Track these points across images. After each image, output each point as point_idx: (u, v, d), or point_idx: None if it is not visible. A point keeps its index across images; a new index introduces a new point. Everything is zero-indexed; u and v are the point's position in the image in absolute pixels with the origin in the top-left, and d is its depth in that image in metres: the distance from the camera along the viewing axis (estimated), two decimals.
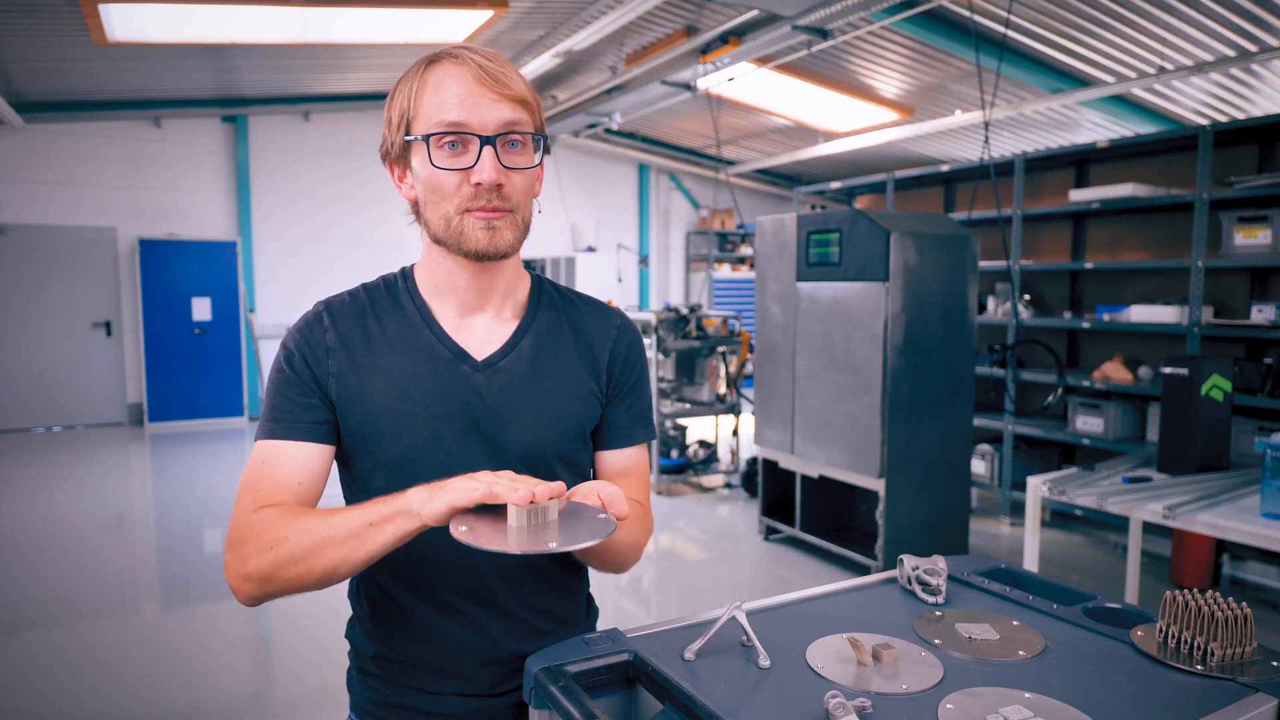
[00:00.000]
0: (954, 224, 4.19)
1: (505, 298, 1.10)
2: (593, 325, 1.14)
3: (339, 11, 5.46)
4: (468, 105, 0.95)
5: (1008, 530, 5.04)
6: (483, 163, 0.96)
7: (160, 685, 3.07)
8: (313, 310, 1.08)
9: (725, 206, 11.45)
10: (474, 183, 0.96)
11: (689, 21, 6.11)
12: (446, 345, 1.06)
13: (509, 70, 0.99)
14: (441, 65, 0.98)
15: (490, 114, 0.96)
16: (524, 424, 1.05)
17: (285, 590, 0.94)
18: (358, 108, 8.89)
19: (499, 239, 1.00)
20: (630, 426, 1.14)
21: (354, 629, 1.14)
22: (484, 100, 0.96)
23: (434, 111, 0.96)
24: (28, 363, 7.97)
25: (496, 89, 0.96)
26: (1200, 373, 2.90)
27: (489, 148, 0.96)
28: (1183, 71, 5.36)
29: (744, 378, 6.49)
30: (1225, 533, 2.44)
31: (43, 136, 7.78)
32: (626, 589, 4.18)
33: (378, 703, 1.10)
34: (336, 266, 9.12)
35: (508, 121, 0.97)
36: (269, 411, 1.02)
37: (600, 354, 1.13)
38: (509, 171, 0.98)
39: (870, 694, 0.86)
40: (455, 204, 0.98)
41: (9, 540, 4.75)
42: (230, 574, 0.95)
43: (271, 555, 0.92)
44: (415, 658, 1.08)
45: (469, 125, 0.95)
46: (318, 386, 1.03)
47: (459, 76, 0.96)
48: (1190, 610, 0.96)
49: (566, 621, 1.15)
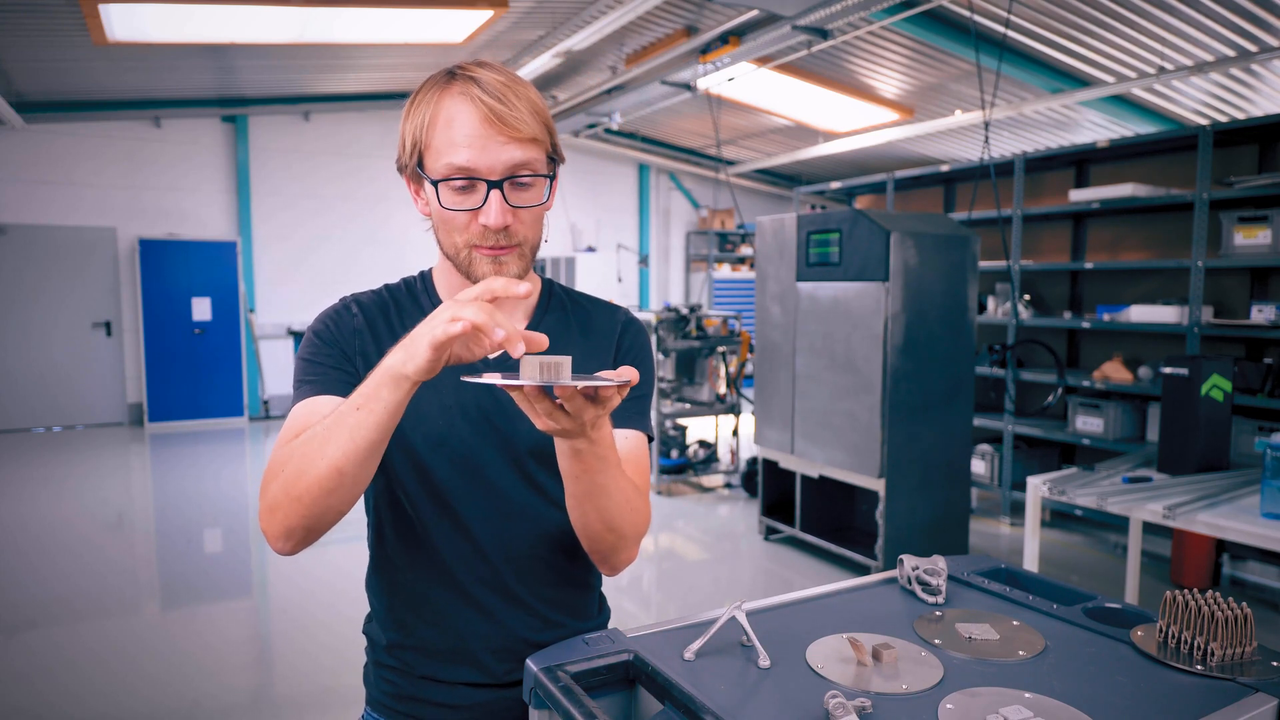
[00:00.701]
0: (954, 224, 4.19)
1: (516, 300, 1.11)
2: (599, 322, 1.17)
3: (339, 11, 5.46)
4: (476, 148, 0.96)
5: (1008, 530, 5.04)
6: (489, 207, 0.97)
7: (160, 685, 3.07)
8: (340, 302, 1.12)
9: (725, 206, 11.45)
10: (481, 224, 0.98)
11: (689, 21, 6.11)
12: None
13: (519, 105, 0.97)
14: (454, 98, 0.97)
15: (499, 156, 0.96)
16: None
17: (307, 515, 0.90)
18: (358, 108, 8.89)
19: (505, 272, 1.01)
20: (629, 411, 1.13)
21: (370, 622, 1.17)
22: (492, 143, 0.96)
23: (444, 150, 0.97)
24: (28, 363, 7.97)
25: (505, 132, 0.96)
26: (1200, 373, 2.90)
27: (496, 191, 0.97)
28: (1183, 71, 5.35)
29: (744, 378, 6.49)
30: (1225, 533, 2.44)
31: (43, 136, 7.78)
32: (627, 589, 4.18)
33: (393, 695, 1.13)
34: (337, 266, 9.13)
35: (516, 164, 0.97)
36: (302, 375, 1.04)
37: (607, 348, 1.15)
38: (517, 210, 0.99)
39: (870, 694, 0.86)
40: (464, 239, 1.01)
41: (9, 540, 4.75)
42: (261, 526, 0.94)
43: (280, 480, 0.91)
44: (429, 644, 1.10)
45: (477, 170, 0.96)
46: (347, 359, 1.06)
47: (469, 116, 0.96)
48: (1190, 610, 0.96)
49: (579, 615, 1.17)
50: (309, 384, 1.04)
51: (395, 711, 1.13)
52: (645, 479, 1.16)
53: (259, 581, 4.30)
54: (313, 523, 0.92)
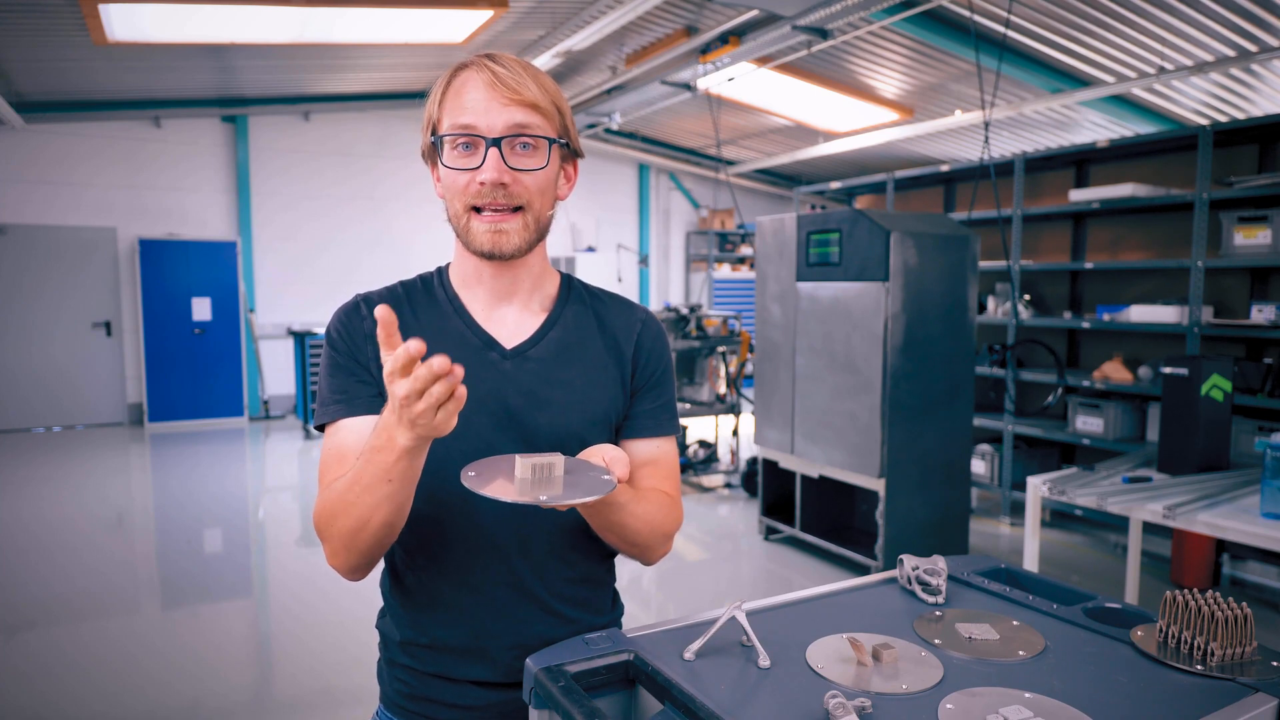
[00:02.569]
0: (954, 224, 4.19)
1: (532, 292, 1.14)
2: (618, 319, 1.18)
3: (339, 11, 5.46)
4: (479, 109, 1.01)
5: (1008, 530, 5.04)
6: (486, 162, 1.01)
7: (160, 685, 3.07)
8: (350, 301, 1.13)
9: (725, 206, 11.45)
10: (478, 181, 1.01)
11: (689, 21, 6.11)
12: (475, 333, 1.10)
13: (526, 77, 1.02)
14: (464, 71, 1.04)
15: (499, 117, 1.01)
16: (552, 411, 1.08)
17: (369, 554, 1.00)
18: (358, 108, 8.88)
19: (503, 241, 1.04)
20: (657, 417, 1.16)
21: (383, 618, 1.17)
22: (494, 104, 1.01)
23: (451, 115, 1.03)
24: (28, 363, 7.97)
25: (507, 94, 1.01)
26: (1200, 373, 2.90)
27: (494, 149, 1.01)
28: (1183, 71, 5.35)
29: (744, 378, 6.50)
30: (1225, 533, 2.44)
31: (43, 136, 7.78)
32: (626, 589, 4.18)
33: (406, 695, 1.13)
34: (337, 266, 9.13)
35: (515, 124, 1.01)
36: (327, 395, 1.07)
37: (625, 346, 1.16)
38: (516, 172, 1.02)
39: (870, 694, 0.86)
40: (463, 202, 1.03)
41: (9, 540, 4.75)
42: (329, 563, 1.04)
43: (337, 533, 0.98)
44: (443, 641, 1.10)
45: (477, 128, 1.01)
46: (362, 366, 1.08)
47: (475, 83, 1.02)
48: (1190, 610, 0.96)
49: (595, 611, 1.17)
50: (337, 405, 1.06)
51: (409, 711, 1.13)
52: (675, 480, 1.18)
53: (259, 581, 4.30)
54: (376, 555, 1.02)
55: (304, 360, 8.02)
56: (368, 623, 3.62)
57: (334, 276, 9.10)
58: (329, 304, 9.11)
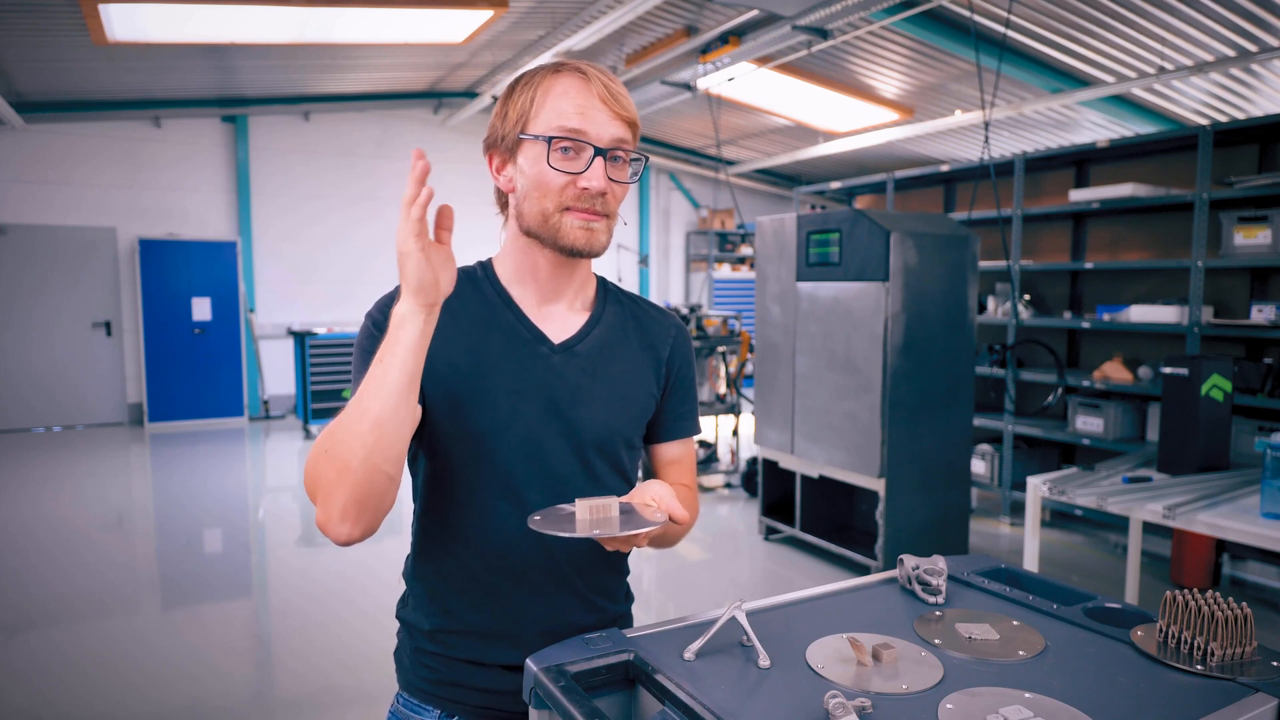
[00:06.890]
0: (954, 224, 4.19)
1: (578, 292, 1.18)
2: (654, 324, 1.24)
3: (339, 11, 5.46)
4: (588, 116, 1.05)
5: (1008, 530, 5.04)
6: (594, 170, 1.05)
7: (161, 685, 3.07)
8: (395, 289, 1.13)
9: (725, 206, 11.45)
10: (581, 187, 1.05)
11: (689, 21, 6.11)
12: (526, 327, 1.14)
13: (625, 94, 1.09)
14: (568, 76, 1.07)
15: (606, 128, 1.06)
16: (595, 406, 1.13)
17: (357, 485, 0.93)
18: (358, 108, 8.88)
19: (595, 240, 1.09)
20: (685, 420, 1.26)
21: (406, 607, 1.20)
22: (602, 115, 1.06)
23: (555, 117, 1.05)
24: (28, 363, 7.97)
25: (614, 106, 1.06)
26: (1200, 373, 2.90)
27: (600, 158, 1.05)
28: (1183, 71, 5.36)
29: (744, 378, 6.50)
30: (1225, 533, 2.44)
31: (43, 136, 7.78)
32: None
33: (434, 681, 1.15)
34: (337, 266, 9.13)
35: (619, 138, 1.07)
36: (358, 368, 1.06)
37: (661, 350, 1.22)
38: (612, 183, 1.08)
39: (870, 694, 0.86)
40: (556, 202, 1.07)
41: (9, 540, 4.75)
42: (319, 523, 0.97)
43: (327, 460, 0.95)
44: (476, 626, 1.13)
45: (586, 134, 1.05)
46: None
47: (584, 89, 1.06)
48: (1190, 610, 0.96)
49: (615, 600, 1.23)
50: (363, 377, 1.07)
51: (437, 697, 1.15)
52: (694, 476, 1.28)
53: (259, 581, 4.30)
54: (364, 493, 0.94)
55: (304, 360, 8.01)
56: (368, 622, 3.62)
57: (334, 276, 9.10)
58: (329, 304, 9.12)
